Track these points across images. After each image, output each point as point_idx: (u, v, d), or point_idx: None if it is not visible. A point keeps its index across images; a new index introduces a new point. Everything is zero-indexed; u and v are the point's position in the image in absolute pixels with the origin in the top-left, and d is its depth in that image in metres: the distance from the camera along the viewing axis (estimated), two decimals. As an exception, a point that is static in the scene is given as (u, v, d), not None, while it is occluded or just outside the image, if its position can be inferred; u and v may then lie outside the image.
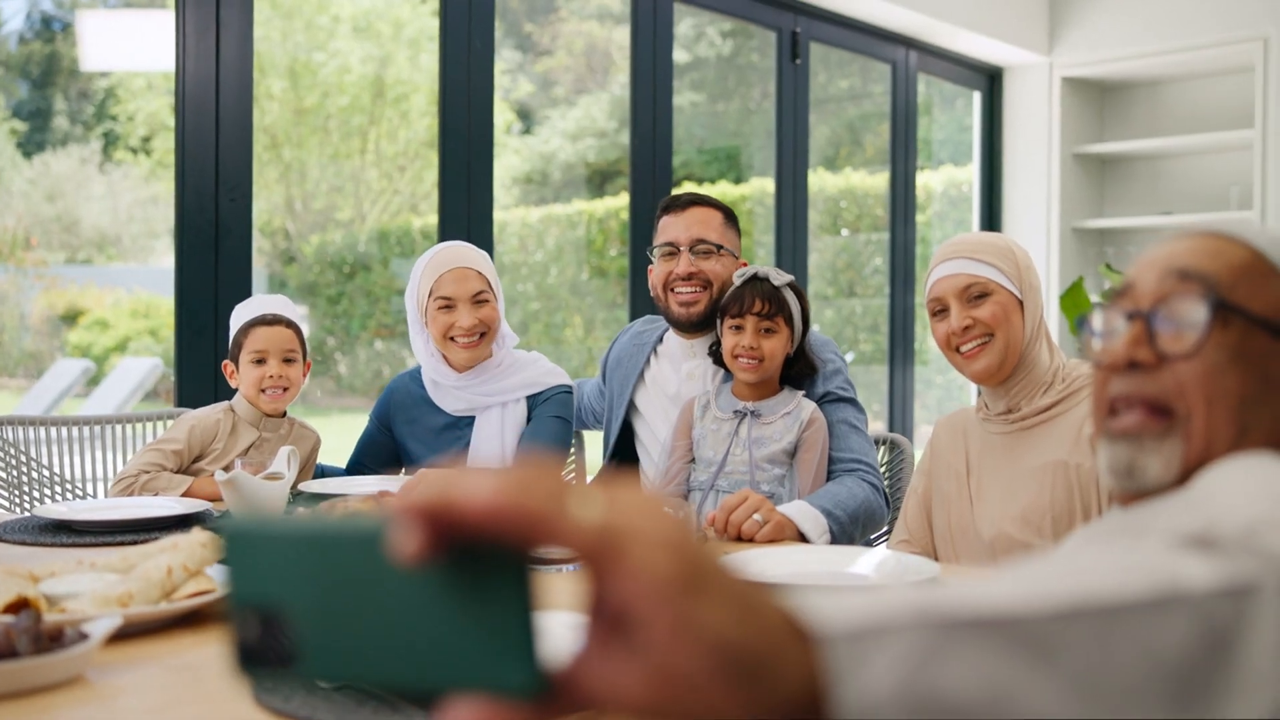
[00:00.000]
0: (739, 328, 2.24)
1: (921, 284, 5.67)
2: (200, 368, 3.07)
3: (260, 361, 2.45)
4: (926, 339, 6.04)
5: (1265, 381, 0.95)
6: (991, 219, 5.92)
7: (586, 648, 0.53)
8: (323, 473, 2.66)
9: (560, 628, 0.57)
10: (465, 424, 2.54)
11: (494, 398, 2.51)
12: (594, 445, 2.89)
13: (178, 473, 2.37)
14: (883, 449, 2.61)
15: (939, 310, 1.98)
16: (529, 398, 2.53)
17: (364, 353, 10.87)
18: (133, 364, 8.01)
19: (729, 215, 2.54)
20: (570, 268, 10.25)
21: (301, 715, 1.08)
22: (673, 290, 2.48)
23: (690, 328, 2.48)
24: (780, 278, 2.28)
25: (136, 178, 12.74)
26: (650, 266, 2.55)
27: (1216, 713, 0.58)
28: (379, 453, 2.64)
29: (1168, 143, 5.51)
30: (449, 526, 0.50)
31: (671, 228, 2.49)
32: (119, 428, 2.87)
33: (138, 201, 12.94)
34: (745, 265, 2.47)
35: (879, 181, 7.19)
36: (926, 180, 6.44)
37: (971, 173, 6.15)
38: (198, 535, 1.48)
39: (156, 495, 2.27)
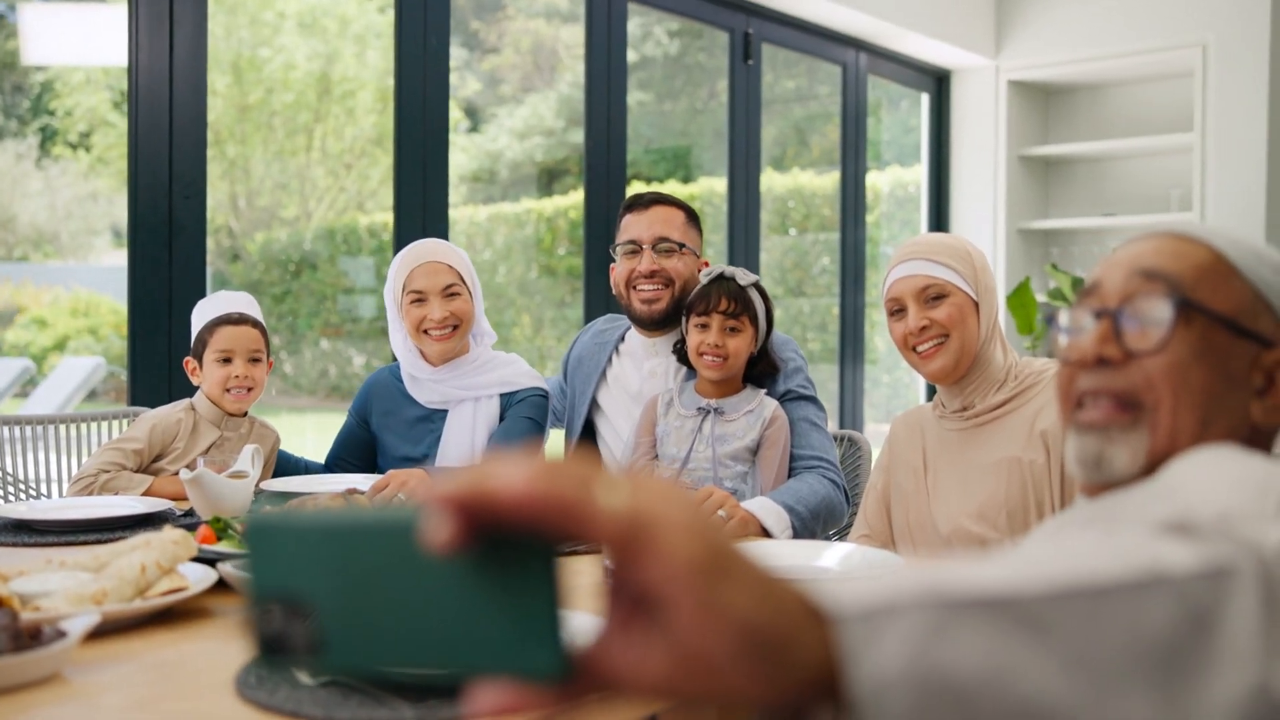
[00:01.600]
0: (705, 326, 2.26)
1: (872, 284, 5.72)
2: (154, 366, 3.04)
3: (226, 361, 2.44)
4: (874, 338, 6.10)
5: (1226, 377, 0.99)
6: (939, 220, 6.00)
7: (608, 631, 0.55)
8: (287, 461, 2.65)
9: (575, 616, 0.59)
10: (439, 417, 2.56)
11: (468, 392, 2.53)
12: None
13: (137, 472, 2.35)
14: (841, 446, 2.65)
15: (896, 310, 2.01)
16: (503, 396, 2.54)
17: (310, 352, 10.77)
18: (74, 363, 7.89)
19: (691, 215, 2.57)
20: (519, 266, 10.23)
21: (287, 709, 1.08)
22: (635, 288, 2.50)
23: (652, 325, 2.51)
24: (746, 278, 2.31)
25: (75, 174, 12.52)
26: (612, 265, 2.58)
27: (1198, 691, 0.61)
28: (357, 447, 2.66)
29: (1110, 145, 5.62)
30: (483, 515, 0.52)
31: (634, 226, 2.51)
32: (66, 427, 2.84)
33: (76, 198, 12.71)
34: (707, 264, 2.49)
35: (826, 182, 7.25)
36: (873, 181, 6.50)
37: (918, 174, 6.23)
38: (170, 533, 1.48)
39: (116, 495, 2.25)
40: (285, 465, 2.64)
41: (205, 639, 1.36)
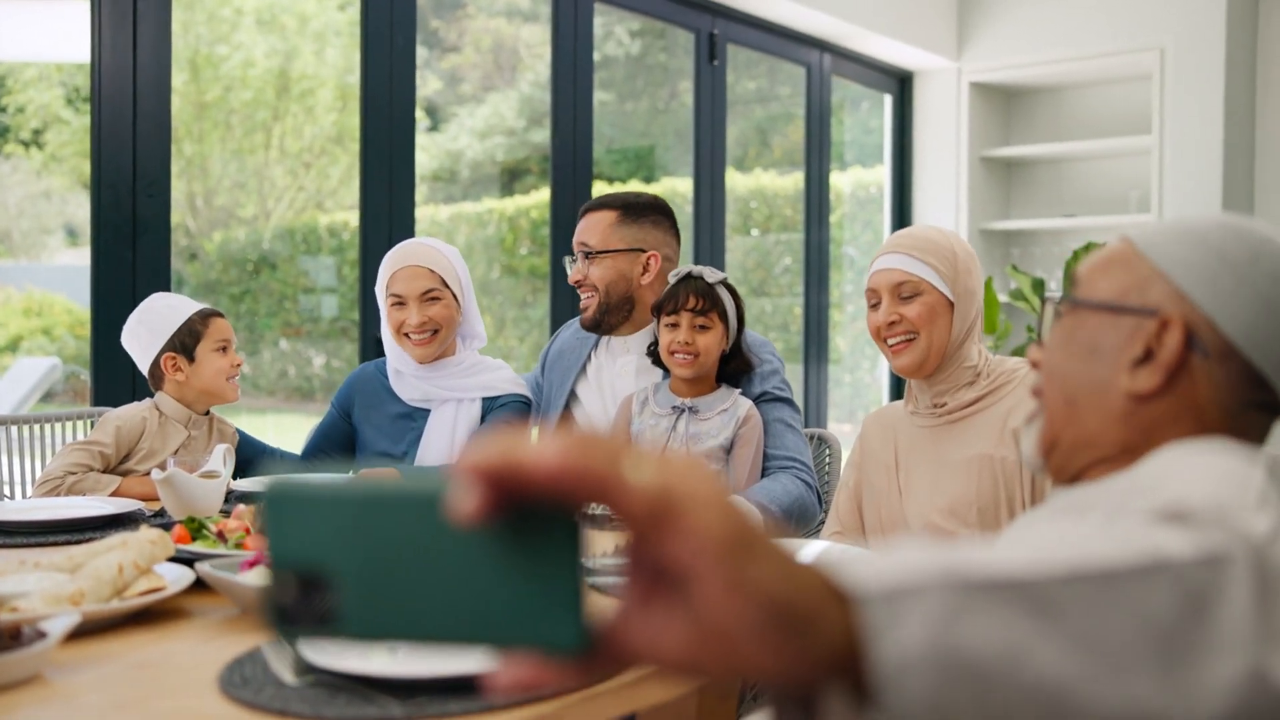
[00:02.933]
0: (674, 324, 2.28)
1: (834, 284, 5.74)
2: (117, 367, 3.00)
3: (225, 350, 2.46)
4: (835, 338, 6.13)
5: (1092, 353, 1.05)
6: (902, 220, 6.05)
7: (628, 606, 0.55)
8: (250, 447, 2.63)
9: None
10: (420, 416, 2.57)
11: (451, 393, 2.54)
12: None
13: (104, 473, 2.33)
14: (811, 444, 2.66)
15: (874, 302, 2.03)
16: (485, 400, 2.55)
17: (269, 352, 10.68)
18: (29, 364, 7.78)
19: (629, 210, 2.52)
20: (480, 266, 10.19)
21: (274, 708, 1.08)
22: (580, 295, 2.56)
23: (592, 329, 2.54)
24: (713, 275, 2.32)
25: (28, 171, 12.33)
26: None
27: (1197, 674, 0.62)
28: (337, 438, 2.67)
29: (1070, 147, 5.68)
30: (512, 488, 0.52)
31: (575, 235, 2.56)
32: (29, 428, 2.79)
33: (29, 196, 12.52)
34: (655, 256, 2.50)
35: (788, 183, 7.26)
36: (835, 181, 6.54)
37: (878, 174, 6.27)
38: (147, 533, 1.47)
39: (84, 496, 2.23)
40: (251, 450, 2.62)
41: (185, 639, 1.34)
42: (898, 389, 6.07)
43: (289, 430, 10.16)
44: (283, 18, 11.33)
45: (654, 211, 2.53)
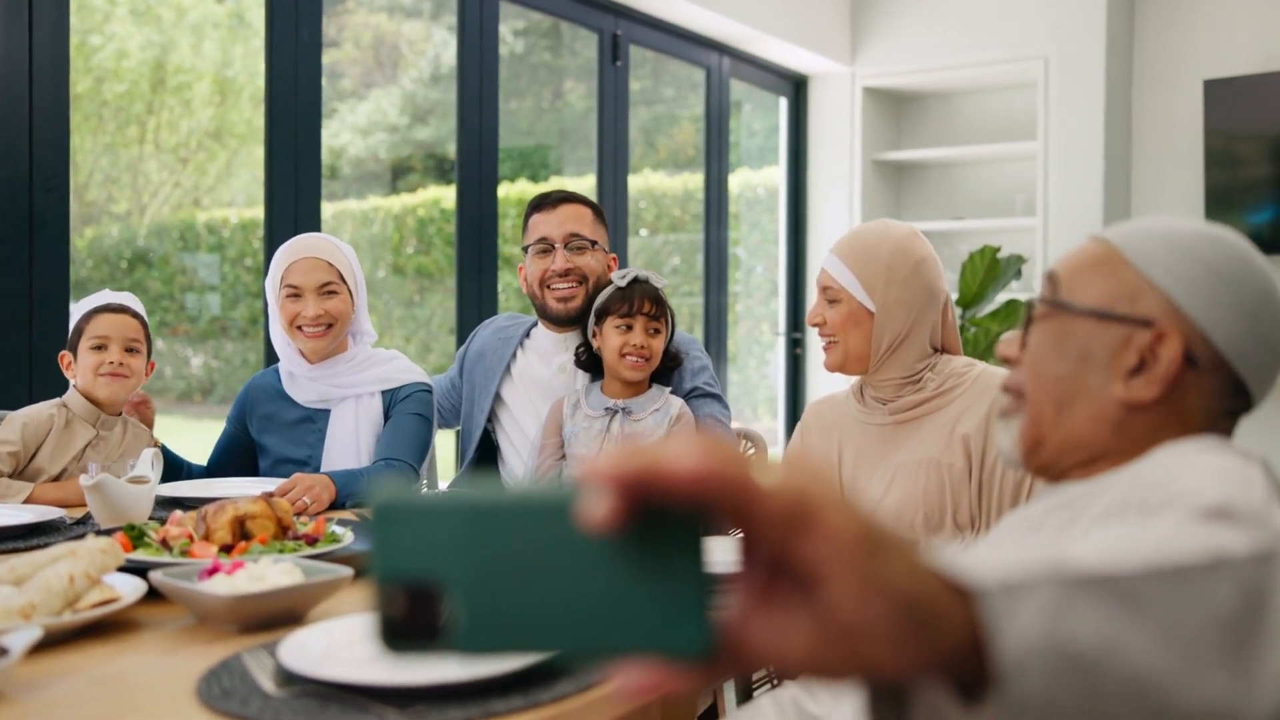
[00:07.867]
0: (628, 327, 2.28)
1: (731, 285, 5.78)
2: (13, 368, 2.88)
3: (101, 348, 2.35)
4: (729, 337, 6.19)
5: (1085, 361, 1.08)
6: (797, 222, 6.13)
7: (746, 608, 0.55)
8: (173, 461, 2.54)
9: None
10: (320, 418, 2.50)
11: (348, 390, 2.47)
12: (442, 444, 2.85)
13: (15, 475, 2.23)
14: (741, 443, 2.69)
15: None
16: (385, 393, 2.49)
17: (145, 352, 10.34)
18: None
19: (598, 211, 2.59)
20: (366, 265, 10.04)
21: (264, 719, 1.05)
22: (549, 287, 2.51)
23: (567, 322, 2.52)
24: (659, 280, 2.34)
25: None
26: (521, 265, 2.56)
27: (1260, 666, 0.65)
28: (238, 453, 2.58)
29: (959, 152, 5.83)
30: (646, 493, 0.51)
31: (544, 225, 2.52)
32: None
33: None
34: (615, 259, 2.52)
35: (676, 183, 7.32)
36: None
37: (766, 176, 6.35)
38: (97, 541, 1.41)
39: (-4, 503, 2.13)
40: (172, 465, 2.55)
41: (144, 651, 1.30)
42: (794, 387, 6.16)
43: (166, 434, 9.81)
44: (158, 9, 10.98)
45: (604, 217, 2.60)
